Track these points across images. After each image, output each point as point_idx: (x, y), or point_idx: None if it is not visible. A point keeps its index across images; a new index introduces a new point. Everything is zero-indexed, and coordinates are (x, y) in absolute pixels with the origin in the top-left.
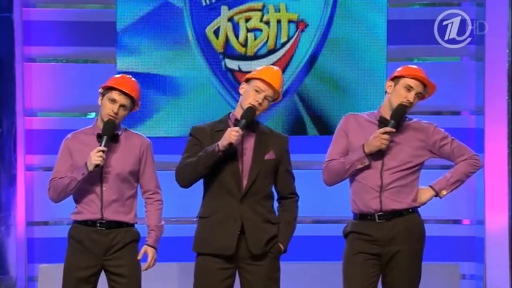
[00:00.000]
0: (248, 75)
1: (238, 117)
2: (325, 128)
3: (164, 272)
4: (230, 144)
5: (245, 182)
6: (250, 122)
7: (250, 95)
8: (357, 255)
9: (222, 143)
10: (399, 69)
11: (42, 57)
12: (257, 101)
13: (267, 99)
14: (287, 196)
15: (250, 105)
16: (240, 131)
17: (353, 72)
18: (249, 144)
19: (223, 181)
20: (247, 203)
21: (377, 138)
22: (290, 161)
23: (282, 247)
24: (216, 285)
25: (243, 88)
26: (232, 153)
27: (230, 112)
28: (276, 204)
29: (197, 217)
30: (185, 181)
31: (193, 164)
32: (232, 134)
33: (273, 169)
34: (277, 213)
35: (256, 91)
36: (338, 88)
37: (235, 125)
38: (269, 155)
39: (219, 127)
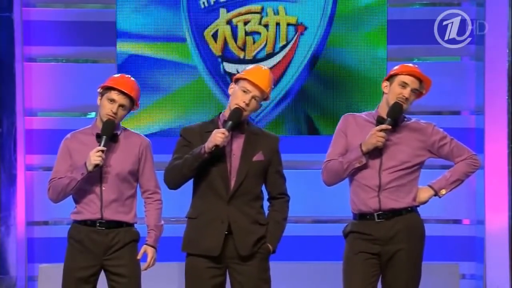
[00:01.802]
0: (236, 75)
1: (227, 117)
2: (326, 128)
3: (164, 272)
4: (216, 146)
5: (232, 183)
6: (237, 123)
7: (237, 96)
8: (357, 255)
9: (208, 145)
10: (393, 68)
11: (42, 57)
12: (244, 101)
13: (255, 99)
14: (277, 196)
15: (236, 106)
16: (226, 133)
17: (353, 73)
18: (238, 145)
19: (211, 182)
20: (234, 204)
21: (373, 136)
22: (280, 162)
23: (270, 247)
24: (204, 283)
25: (232, 88)
26: (220, 154)
27: (221, 113)
28: (266, 205)
29: (186, 217)
30: (172, 183)
31: (179, 166)
32: (217, 136)
33: (262, 170)
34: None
35: (244, 91)
36: (338, 88)
37: (224, 126)
38: (258, 156)
39: (209, 128)
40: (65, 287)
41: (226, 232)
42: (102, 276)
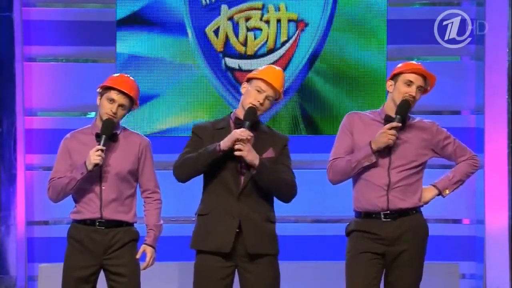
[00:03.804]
0: (249, 75)
1: (239, 116)
2: (326, 127)
3: (163, 272)
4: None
5: (243, 180)
6: (254, 122)
7: (251, 95)
8: (360, 254)
9: (226, 143)
10: (397, 66)
11: (42, 57)
12: (259, 101)
13: (268, 99)
14: None
15: (251, 106)
16: (248, 132)
17: (353, 72)
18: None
19: (222, 179)
20: (245, 201)
21: (384, 134)
22: (288, 158)
23: (256, 162)
24: (216, 283)
25: (245, 87)
26: (232, 151)
27: (232, 112)
28: (275, 205)
29: (195, 214)
30: (183, 176)
31: (192, 160)
32: (239, 135)
33: None
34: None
35: (258, 91)
36: (338, 87)
37: (236, 124)
38: (268, 153)
39: (220, 125)
40: (65, 287)
41: (237, 230)
42: (102, 276)
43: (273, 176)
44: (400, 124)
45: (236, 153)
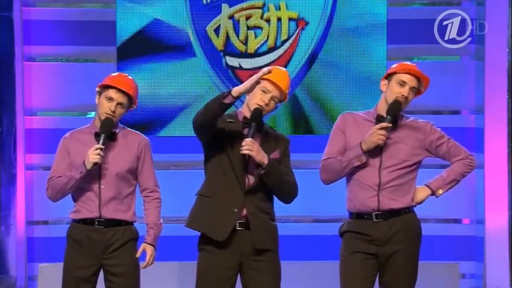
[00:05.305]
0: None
1: (245, 115)
2: (325, 127)
3: (164, 271)
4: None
5: (250, 179)
6: (260, 122)
7: (256, 96)
8: (354, 254)
9: (239, 89)
10: (392, 66)
11: (42, 57)
12: (264, 101)
13: (273, 100)
14: None
15: (257, 106)
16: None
17: (353, 71)
18: (256, 142)
19: (227, 176)
20: (251, 199)
21: (373, 134)
22: (289, 160)
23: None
24: (220, 283)
25: None
26: (238, 151)
27: (238, 109)
28: (276, 205)
29: (196, 194)
30: (197, 119)
31: (205, 105)
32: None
33: None
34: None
35: (263, 91)
36: (338, 86)
37: (244, 123)
38: (275, 154)
39: (231, 119)
40: (65, 287)
41: (243, 228)
42: (102, 275)
43: (280, 177)
44: (390, 125)
45: (245, 151)
